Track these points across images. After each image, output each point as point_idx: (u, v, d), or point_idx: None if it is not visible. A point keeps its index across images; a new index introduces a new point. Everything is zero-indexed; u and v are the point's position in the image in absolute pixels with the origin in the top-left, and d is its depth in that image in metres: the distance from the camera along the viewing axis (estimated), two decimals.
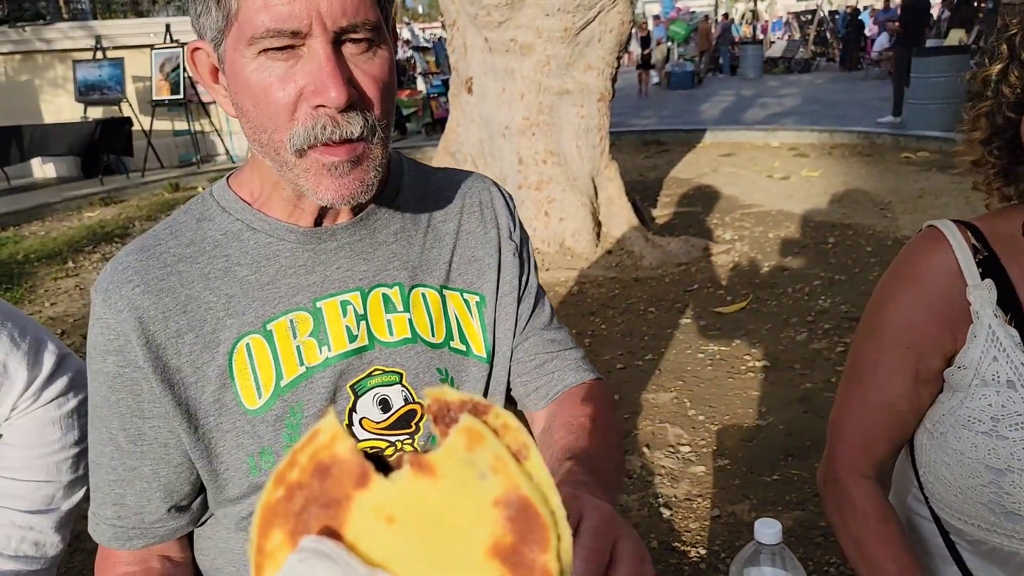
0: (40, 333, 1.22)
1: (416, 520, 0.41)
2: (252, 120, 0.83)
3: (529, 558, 0.40)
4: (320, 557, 0.41)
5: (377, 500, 0.42)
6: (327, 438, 0.44)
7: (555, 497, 0.41)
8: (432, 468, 0.41)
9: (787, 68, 19.93)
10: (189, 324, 0.91)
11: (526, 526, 0.40)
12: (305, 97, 0.80)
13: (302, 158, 0.82)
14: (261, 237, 0.93)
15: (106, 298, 0.91)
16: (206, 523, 1.05)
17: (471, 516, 0.40)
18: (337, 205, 0.84)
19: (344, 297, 0.95)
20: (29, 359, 1.18)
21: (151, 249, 0.93)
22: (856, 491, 1.12)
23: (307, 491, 0.43)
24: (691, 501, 2.89)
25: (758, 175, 7.95)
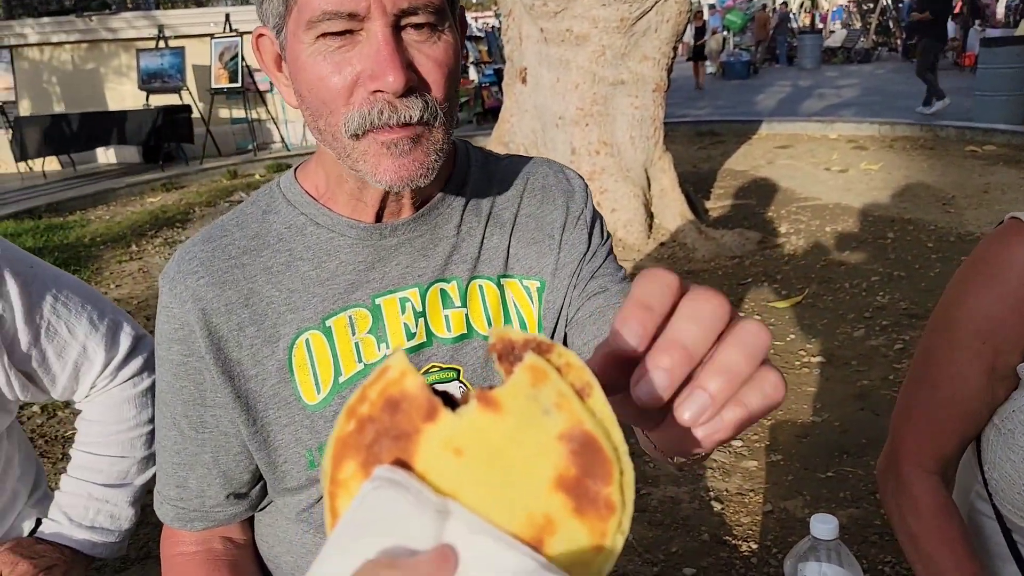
0: (117, 315, 1.26)
1: (483, 453, 0.42)
2: (309, 105, 0.83)
3: (593, 490, 0.41)
4: (393, 485, 0.42)
5: (445, 433, 0.43)
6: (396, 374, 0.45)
7: (617, 433, 0.42)
8: (498, 404, 0.43)
9: (847, 58, 19.45)
10: (251, 317, 0.91)
11: (590, 460, 0.41)
12: (362, 82, 0.78)
13: (359, 141, 0.80)
14: (323, 232, 0.93)
15: (172, 287, 0.92)
16: (266, 510, 1.06)
17: (536, 450, 0.41)
18: (396, 187, 0.82)
19: (403, 294, 0.94)
20: (107, 340, 1.22)
21: (217, 240, 0.93)
22: (917, 485, 1.10)
23: (378, 424, 0.44)
24: (743, 496, 2.87)
25: (815, 167, 7.79)
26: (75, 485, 1.26)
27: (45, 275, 1.17)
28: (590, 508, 0.41)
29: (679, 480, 2.98)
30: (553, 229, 1.02)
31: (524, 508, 0.42)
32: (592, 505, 0.41)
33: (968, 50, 15.11)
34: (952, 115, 9.74)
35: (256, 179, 9.01)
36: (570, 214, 1.04)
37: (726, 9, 20.33)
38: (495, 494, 0.42)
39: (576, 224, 1.04)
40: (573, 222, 1.04)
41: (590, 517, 0.41)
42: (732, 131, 9.95)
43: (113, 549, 1.29)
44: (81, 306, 1.19)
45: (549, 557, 0.41)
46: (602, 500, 0.41)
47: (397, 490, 0.43)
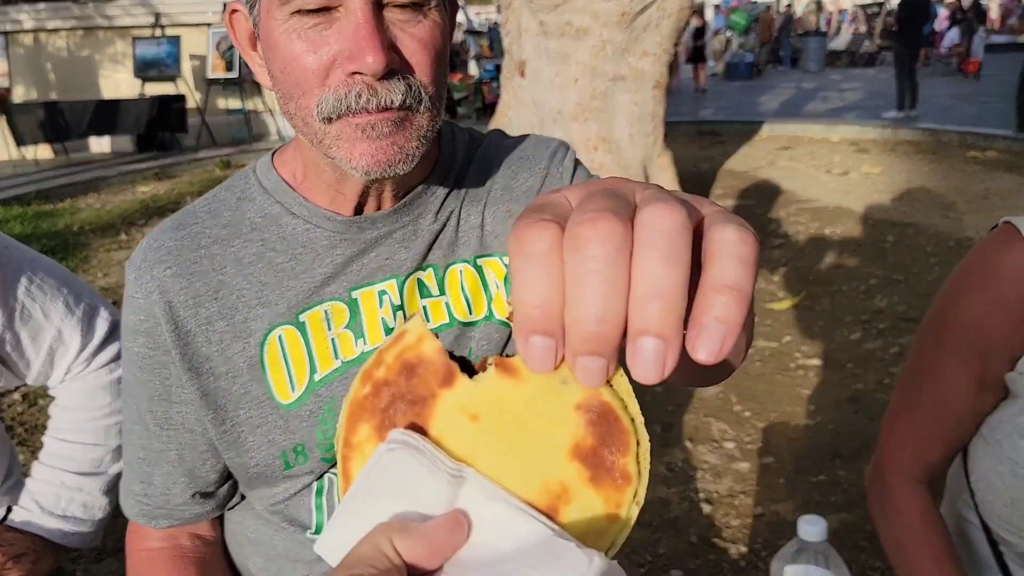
0: (95, 300, 1.22)
1: (500, 419, 0.42)
2: (281, 87, 0.76)
3: (609, 460, 0.40)
4: (408, 448, 0.42)
5: (462, 399, 0.43)
6: (413, 339, 0.44)
7: (634, 404, 0.41)
8: (516, 371, 0.42)
9: (851, 61, 19.40)
10: (220, 311, 0.86)
11: (606, 430, 0.40)
12: (339, 63, 0.72)
13: (331, 125, 0.74)
14: (299, 223, 0.88)
15: (138, 276, 0.87)
16: (234, 508, 1.02)
17: (553, 418, 0.41)
18: (374, 173, 0.75)
19: (381, 287, 0.89)
20: (83, 325, 1.19)
21: (187, 228, 0.88)
22: (903, 494, 1.08)
23: (394, 388, 0.44)
24: (733, 498, 2.82)
25: (816, 170, 7.74)
26: (47, 473, 1.23)
27: (20, 257, 1.13)
28: (606, 478, 0.40)
29: (669, 481, 2.93)
30: (529, 197, 0.94)
31: (540, 476, 0.42)
32: (608, 475, 0.40)
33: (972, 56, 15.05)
34: (955, 120, 9.71)
35: None
36: (549, 175, 0.96)
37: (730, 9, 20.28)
38: (511, 461, 0.42)
39: (552, 183, 0.96)
40: (551, 183, 0.96)
41: (606, 487, 0.40)
42: (733, 132, 9.89)
43: (86, 539, 1.26)
44: (57, 289, 1.16)
45: (563, 525, 0.41)
46: (618, 470, 0.40)
47: (411, 453, 0.43)
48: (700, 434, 3.23)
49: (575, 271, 0.33)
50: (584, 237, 0.32)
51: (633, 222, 0.33)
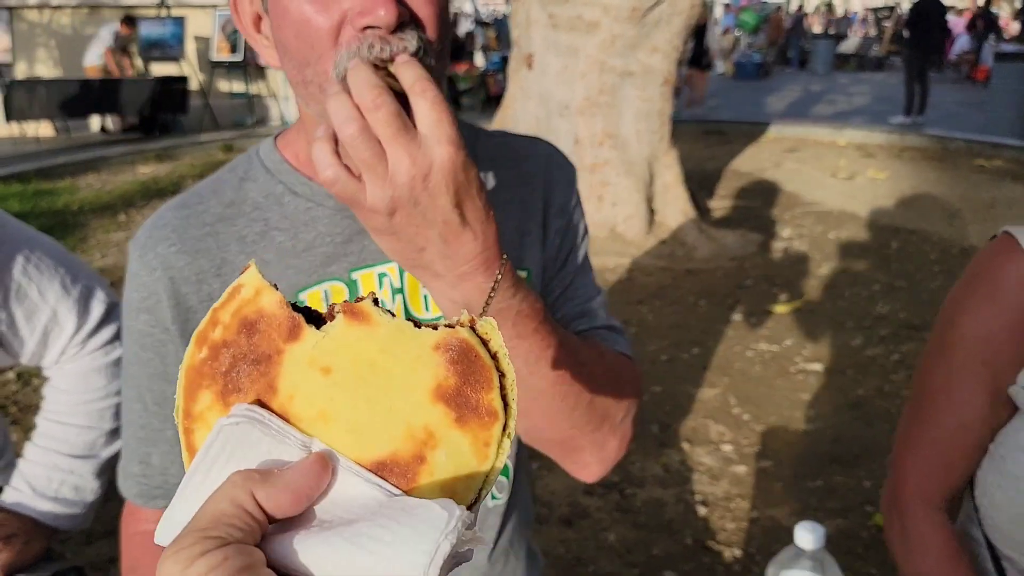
0: (92, 281, 1.21)
1: (354, 369, 0.40)
2: (293, 54, 0.76)
3: (473, 399, 0.40)
4: (251, 422, 0.40)
5: (311, 352, 0.41)
6: (251, 292, 0.42)
7: (497, 339, 0.41)
8: (367, 316, 0.40)
9: (859, 65, 19.34)
10: (222, 288, 0.84)
11: (467, 368, 0.40)
12: (350, 20, 0.72)
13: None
14: (301, 202, 0.88)
15: (142, 254, 0.88)
16: None
17: (411, 361, 0.40)
18: None
19: (382, 269, 0.89)
20: (79, 306, 1.17)
21: (192, 207, 0.89)
22: (925, 523, 1.04)
23: (234, 349, 0.41)
24: (730, 501, 2.80)
25: (822, 173, 7.71)
26: (40, 454, 1.22)
27: (18, 235, 1.12)
28: (472, 417, 0.40)
29: (665, 482, 2.91)
30: (538, 217, 0.96)
31: (403, 423, 0.40)
32: (474, 413, 0.40)
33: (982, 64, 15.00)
34: (963, 128, 9.66)
35: None
36: (552, 205, 0.98)
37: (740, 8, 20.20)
38: (371, 411, 0.40)
39: (561, 214, 0.98)
40: (558, 211, 0.98)
41: (472, 426, 0.40)
42: (740, 132, 9.85)
43: (77, 521, 1.25)
44: (54, 269, 1.14)
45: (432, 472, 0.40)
46: (484, 407, 0.40)
47: (256, 426, 0.40)
48: (698, 436, 3.20)
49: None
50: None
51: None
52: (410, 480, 0.40)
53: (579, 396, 0.85)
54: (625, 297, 4.67)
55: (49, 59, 11.68)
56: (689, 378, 3.67)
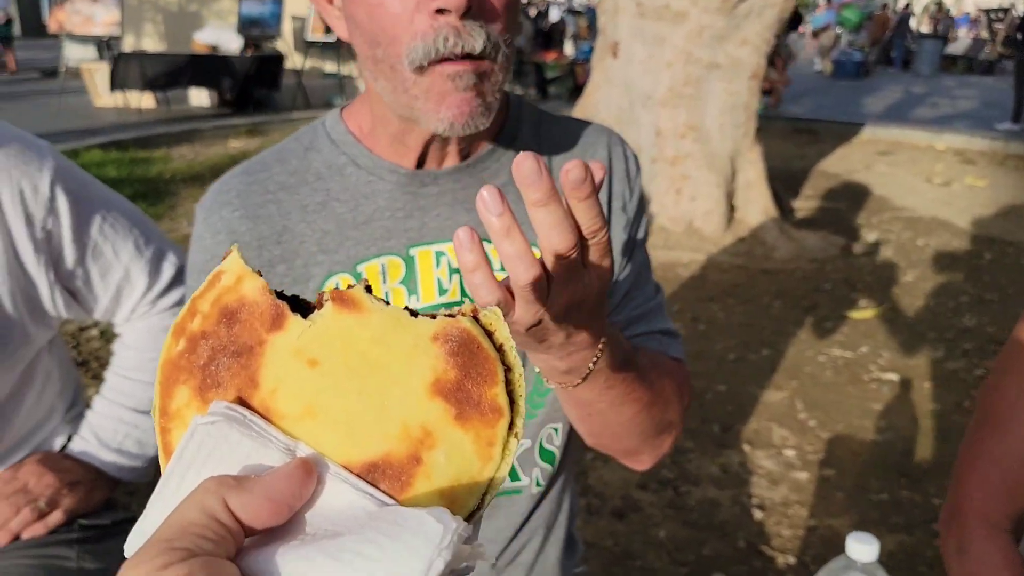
0: (164, 244, 1.25)
1: (343, 361, 0.37)
2: (366, 33, 0.78)
3: (476, 394, 0.36)
4: (230, 421, 0.37)
5: (296, 343, 0.37)
6: (231, 279, 0.39)
7: (503, 330, 0.38)
8: (358, 303, 0.37)
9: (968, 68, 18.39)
10: (282, 255, 0.89)
11: (469, 360, 0.37)
12: (423, 2, 0.74)
13: (422, 75, 0.76)
14: (363, 174, 0.90)
15: (206, 217, 0.90)
16: None
17: (407, 353, 0.37)
18: (457, 127, 0.78)
19: (440, 248, 0.90)
20: (151, 267, 1.21)
21: (256, 174, 0.91)
22: (985, 544, 0.98)
23: (213, 340, 0.38)
24: (787, 507, 2.72)
25: (915, 177, 7.37)
26: (107, 407, 1.27)
27: (96, 195, 1.16)
28: (474, 413, 0.36)
29: (722, 483, 2.85)
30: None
31: (398, 420, 0.37)
32: (476, 410, 0.36)
33: None
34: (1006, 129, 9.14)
35: None
36: (615, 199, 0.97)
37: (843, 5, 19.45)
38: (362, 407, 0.37)
39: (624, 209, 0.97)
40: (621, 206, 0.97)
41: (474, 423, 0.36)
42: (831, 131, 9.50)
43: (138, 474, 1.29)
44: (128, 230, 1.18)
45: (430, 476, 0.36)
46: (487, 403, 0.36)
47: (236, 426, 0.37)
48: (760, 439, 3.12)
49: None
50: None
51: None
52: (405, 484, 0.37)
53: (651, 418, 0.86)
54: (697, 294, 4.59)
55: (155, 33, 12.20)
56: (755, 379, 3.58)
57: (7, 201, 1.05)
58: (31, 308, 1.11)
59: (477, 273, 0.58)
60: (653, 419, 0.86)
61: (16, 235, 1.06)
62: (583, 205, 0.57)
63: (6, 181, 1.05)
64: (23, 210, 1.06)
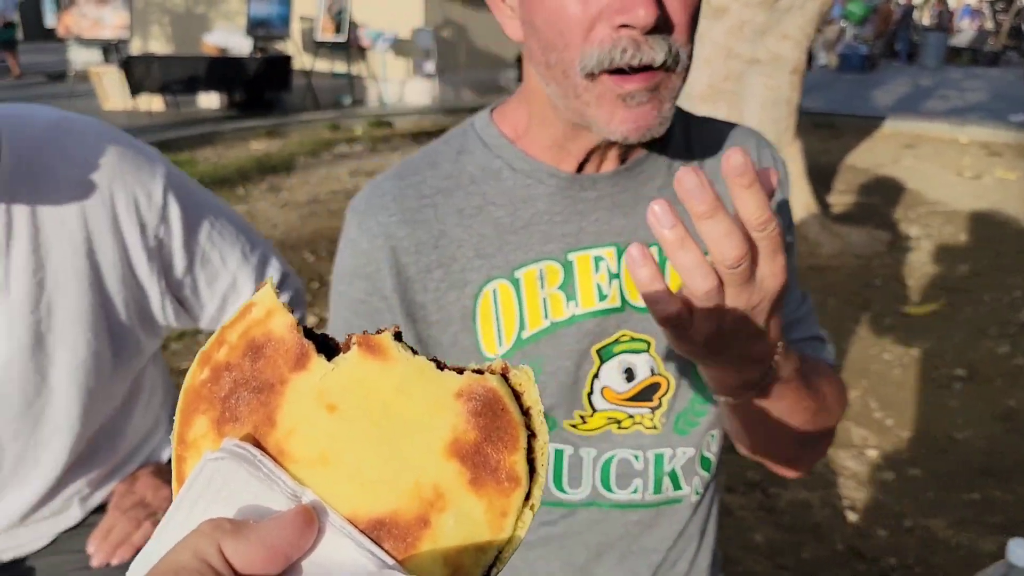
0: (268, 250, 1.23)
1: (363, 409, 0.36)
2: (542, 37, 0.76)
3: (494, 459, 0.35)
4: (239, 460, 0.36)
5: (318, 385, 0.37)
6: (261, 313, 0.38)
7: (533, 393, 0.36)
8: (384, 350, 0.36)
9: (972, 59, 18.40)
10: (439, 260, 0.87)
11: (492, 422, 0.35)
12: (606, 16, 0.72)
13: (593, 82, 0.75)
14: (520, 178, 0.88)
15: (362, 222, 0.88)
16: None
17: (428, 407, 0.36)
18: (632, 139, 0.77)
19: (599, 252, 0.88)
20: (256, 273, 1.19)
21: (409, 178, 0.90)
22: None
23: (236, 373, 0.38)
24: (879, 508, 2.68)
25: (944, 171, 7.34)
26: None
27: (204, 201, 1.13)
28: (490, 480, 0.35)
29: (809, 484, 2.80)
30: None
31: (410, 478, 0.35)
32: (492, 476, 0.35)
33: None
34: None
35: (357, 134, 9.01)
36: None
37: None
38: (375, 460, 0.36)
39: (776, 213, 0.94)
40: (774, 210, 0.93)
41: (489, 490, 0.35)
42: (851, 126, 9.46)
43: None
44: (235, 236, 1.16)
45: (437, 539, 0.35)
46: (504, 471, 0.35)
47: (243, 465, 0.36)
48: (840, 439, 3.08)
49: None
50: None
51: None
52: (409, 546, 0.35)
53: (815, 426, 0.85)
54: None
55: (162, 36, 12.10)
56: None
57: (122, 209, 1.02)
58: (143, 317, 1.09)
59: (654, 287, 0.60)
60: (817, 427, 0.86)
61: (130, 243, 1.04)
62: (747, 193, 0.58)
63: (121, 189, 1.02)
64: (137, 218, 1.03)
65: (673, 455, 0.94)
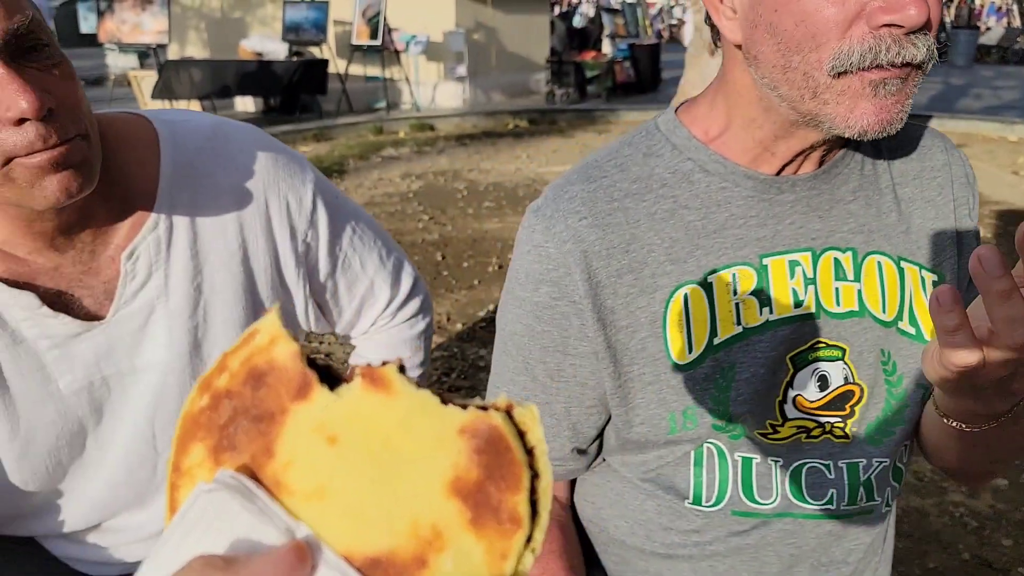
0: (401, 254, 1.22)
1: (363, 443, 0.35)
2: (787, 39, 0.74)
3: (495, 499, 0.34)
4: (233, 492, 0.35)
5: (318, 416, 0.36)
6: (265, 340, 0.37)
7: (537, 432, 0.35)
8: (388, 383, 0.35)
9: (1002, 58, 18.24)
10: (630, 265, 0.85)
11: (494, 461, 0.34)
12: (868, 15, 0.70)
13: (838, 79, 0.73)
14: (714, 180, 0.87)
15: (550, 226, 0.87)
16: (593, 468, 1.00)
17: (430, 444, 0.35)
18: (869, 133, 0.75)
19: (794, 256, 0.87)
20: (392, 278, 1.18)
21: (597, 180, 0.89)
22: None
23: (236, 401, 0.37)
24: (999, 516, 2.64)
25: (1001, 170, 7.28)
26: None
27: (347, 206, 1.13)
28: (490, 521, 0.34)
29: (922, 491, 2.76)
30: (949, 222, 0.92)
31: (408, 515, 0.34)
32: (493, 517, 0.34)
33: None
34: None
35: (401, 136, 9.04)
36: (959, 206, 0.93)
37: None
38: (374, 496, 0.35)
39: (968, 220, 0.94)
40: (965, 217, 0.94)
41: (489, 532, 0.34)
42: None
43: None
44: (373, 241, 1.15)
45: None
46: (506, 512, 0.34)
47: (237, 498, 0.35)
48: None
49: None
50: None
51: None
52: None
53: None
54: None
55: (199, 41, 12.16)
56: None
57: (275, 214, 1.02)
58: (287, 323, 1.08)
59: (959, 335, 0.59)
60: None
61: (281, 249, 1.04)
62: None
63: (275, 194, 1.02)
64: (288, 223, 1.04)
65: (868, 465, 0.92)
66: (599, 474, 1.00)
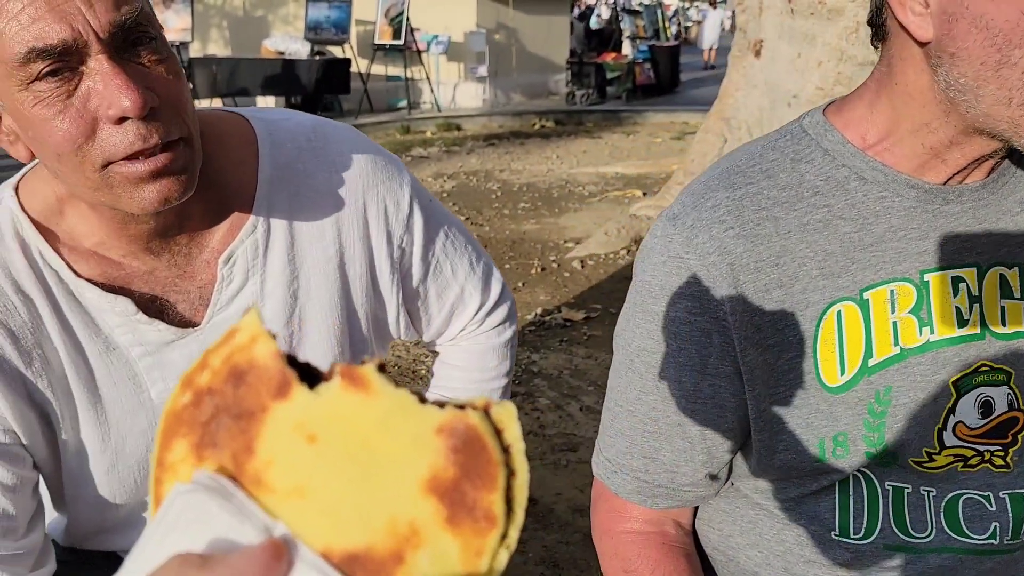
0: (489, 260, 1.19)
1: (342, 441, 0.36)
2: (1009, 33, 0.68)
3: (471, 497, 0.35)
4: (212, 493, 0.36)
5: (298, 414, 0.36)
6: (246, 338, 0.38)
7: (514, 430, 0.36)
8: (366, 383, 0.36)
9: None
10: (779, 279, 0.79)
11: (471, 460, 0.35)
12: None
13: None
14: (872, 189, 0.80)
15: (690, 237, 0.81)
16: (721, 493, 0.95)
17: (408, 443, 0.35)
18: None
19: (958, 273, 0.80)
20: (482, 284, 1.14)
21: (742, 188, 0.82)
22: None
23: (218, 398, 0.38)
24: None
25: None
26: None
27: (440, 211, 1.09)
28: (466, 519, 0.35)
29: None
30: None
31: (386, 513, 0.35)
32: (469, 515, 0.35)
33: None
34: None
35: (428, 136, 9.01)
36: None
37: None
38: (352, 493, 0.35)
39: None
40: None
41: (464, 530, 0.35)
42: None
43: None
44: (464, 246, 1.11)
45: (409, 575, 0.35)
46: (481, 510, 0.35)
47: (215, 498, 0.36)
48: None
49: None
50: None
51: None
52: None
53: None
54: None
55: (221, 39, 12.16)
56: None
57: (372, 218, 0.98)
58: (378, 330, 1.05)
59: None
60: None
61: (377, 254, 1.00)
62: None
63: (373, 197, 0.97)
64: (385, 227, 0.99)
65: None
66: (726, 499, 0.94)
